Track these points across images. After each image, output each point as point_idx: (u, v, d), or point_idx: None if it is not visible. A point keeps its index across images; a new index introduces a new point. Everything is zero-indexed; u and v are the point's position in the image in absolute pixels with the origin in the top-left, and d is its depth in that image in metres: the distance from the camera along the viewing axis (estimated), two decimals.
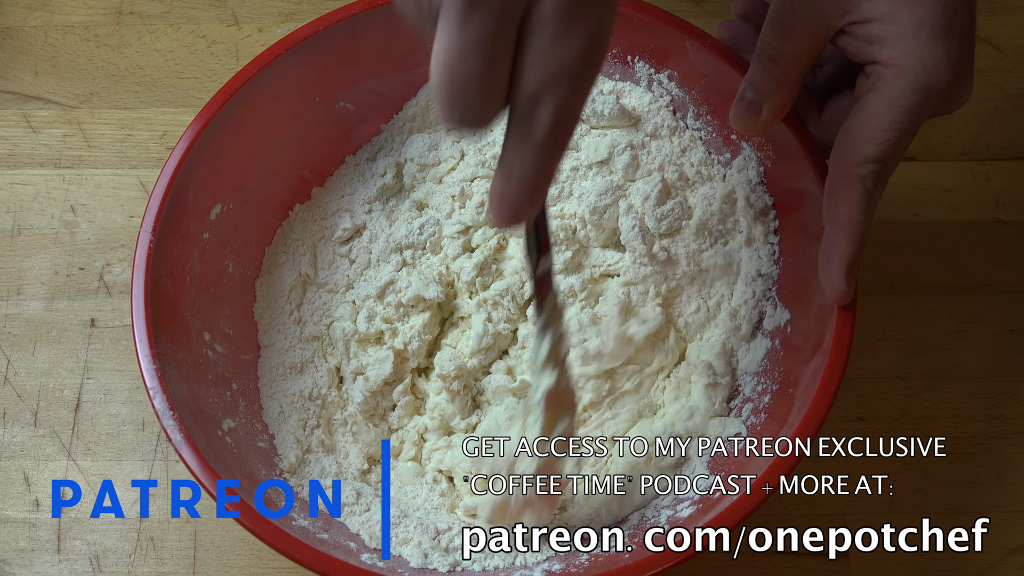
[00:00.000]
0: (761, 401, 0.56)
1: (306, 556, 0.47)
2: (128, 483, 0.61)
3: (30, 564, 0.59)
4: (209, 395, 0.55)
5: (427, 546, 0.54)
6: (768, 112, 0.55)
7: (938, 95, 0.50)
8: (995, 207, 0.70)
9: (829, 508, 0.61)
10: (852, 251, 0.50)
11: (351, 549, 0.52)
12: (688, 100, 0.63)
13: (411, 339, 0.60)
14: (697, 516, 0.51)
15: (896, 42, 0.50)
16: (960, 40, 0.50)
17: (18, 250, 0.68)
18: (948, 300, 0.67)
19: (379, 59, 0.63)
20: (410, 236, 0.62)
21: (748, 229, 0.61)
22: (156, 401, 0.50)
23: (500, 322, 0.60)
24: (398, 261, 0.62)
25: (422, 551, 0.53)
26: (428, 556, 0.53)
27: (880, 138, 0.50)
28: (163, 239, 0.55)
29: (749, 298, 0.60)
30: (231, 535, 0.60)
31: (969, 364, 0.65)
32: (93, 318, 0.66)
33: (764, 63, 0.54)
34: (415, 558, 0.53)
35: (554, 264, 0.47)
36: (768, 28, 0.53)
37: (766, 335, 0.59)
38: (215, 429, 0.53)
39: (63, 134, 0.72)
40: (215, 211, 0.59)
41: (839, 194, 0.51)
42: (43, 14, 0.77)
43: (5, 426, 0.63)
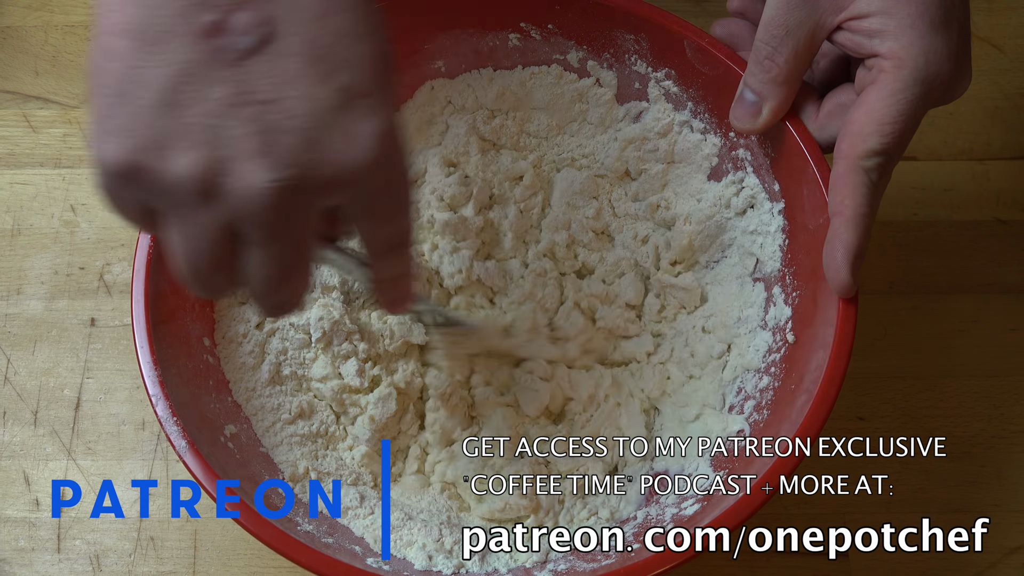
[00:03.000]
0: (764, 398, 0.56)
1: (306, 557, 0.47)
2: (128, 483, 0.61)
3: (30, 564, 0.59)
4: (210, 400, 0.55)
5: (431, 548, 0.54)
6: (768, 112, 0.55)
7: (940, 86, 0.50)
8: (995, 207, 0.70)
9: (829, 508, 0.61)
10: (858, 243, 0.51)
11: (355, 552, 0.52)
12: (686, 98, 0.63)
13: (410, 379, 0.60)
14: (699, 515, 0.51)
15: (896, 35, 0.50)
16: (958, 30, 0.50)
17: (18, 250, 0.68)
18: (948, 300, 0.67)
19: None
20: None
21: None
22: (159, 407, 0.50)
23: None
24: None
25: (426, 553, 0.53)
26: (432, 558, 0.53)
27: (884, 131, 0.50)
28: None
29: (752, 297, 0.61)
30: (231, 535, 0.60)
31: (969, 364, 0.65)
32: (93, 318, 0.66)
33: (761, 63, 0.54)
34: (419, 560, 0.53)
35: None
36: (764, 28, 0.53)
37: (767, 331, 0.59)
38: (217, 434, 0.53)
39: (63, 134, 0.72)
40: None
41: (844, 187, 0.51)
42: (43, 14, 0.77)
43: (5, 426, 0.63)
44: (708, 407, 0.59)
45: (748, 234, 0.61)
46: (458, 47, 0.65)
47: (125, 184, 0.37)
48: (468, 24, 0.63)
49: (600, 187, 0.66)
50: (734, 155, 0.62)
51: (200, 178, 0.36)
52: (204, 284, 0.40)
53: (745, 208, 0.61)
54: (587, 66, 0.65)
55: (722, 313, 0.61)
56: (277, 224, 0.37)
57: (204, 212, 0.37)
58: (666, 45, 0.61)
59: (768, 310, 0.59)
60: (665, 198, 0.65)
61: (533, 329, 0.61)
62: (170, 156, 0.36)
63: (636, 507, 0.57)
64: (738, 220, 0.62)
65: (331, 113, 0.37)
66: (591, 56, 0.64)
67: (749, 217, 0.61)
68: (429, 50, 0.64)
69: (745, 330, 0.60)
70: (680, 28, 0.60)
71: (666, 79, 0.63)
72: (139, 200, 0.38)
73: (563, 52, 0.64)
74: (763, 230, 0.60)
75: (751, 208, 0.61)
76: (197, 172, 0.36)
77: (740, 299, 0.61)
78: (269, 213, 0.37)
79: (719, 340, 0.61)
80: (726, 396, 0.59)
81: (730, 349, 0.61)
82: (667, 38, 0.61)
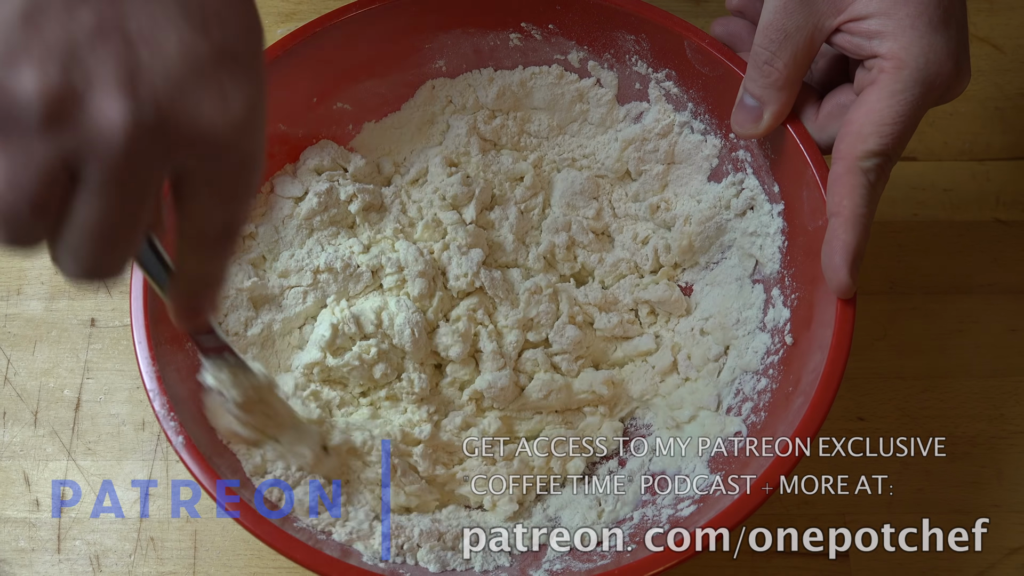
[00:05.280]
0: (761, 400, 0.56)
1: (306, 557, 0.47)
2: (128, 483, 0.61)
3: (30, 564, 0.59)
4: None
5: (435, 547, 0.54)
6: (769, 117, 0.55)
7: (940, 85, 0.50)
8: (995, 207, 0.70)
9: (829, 508, 0.61)
10: (856, 244, 0.50)
11: (351, 551, 0.52)
12: (687, 99, 0.63)
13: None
14: (697, 516, 0.51)
15: (895, 35, 0.50)
16: (957, 29, 0.50)
17: None
18: (948, 300, 0.67)
19: (378, 60, 0.63)
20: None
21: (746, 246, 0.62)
22: (156, 403, 0.50)
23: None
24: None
25: (428, 553, 0.53)
26: (431, 557, 0.53)
27: (883, 131, 0.50)
28: (161, 240, 0.55)
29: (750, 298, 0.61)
30: (231, 535, 0.60)
31: (969, 364, 0.65)
32: (93, 318, 0.66)
33: (761, 68, 0.54)
34: (425, 561, 0.53)
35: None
36: (762, 32, 0.53)
37: (766, 333, 0.59)
38: (216, 433, 0.53)
39: None
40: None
41: (843, 188, 0.51)
42: None
43: (5, 426, 0.63)
44: (704, 409, 0.59)
45: (748, 235, 0.61)
46: (459, 47, 0.65)
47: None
48: (469, 24, 0.63)
49: (600, 188, 0.66)
50: (734, 156, 0.62)
51: (49, 100, 0.32)
52: (15, 228, 0.34)
53: (745, 209, 0.61)
54: (588, 66, 0.65)
55: (721, 315, 0.61)
56: (123, 169, 0.34)
57: (43, 140, 0.33)
58: (667, 46, 0.61)
59: (767, 312, 0.59)
60: (665, 199, 0.65)
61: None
62: (19, 71, 0.32)
63: (633, 507, 0.57)
64: (738, 221, 0.62)
65: (207, 67, 0.35)
66: (592, 56, 0.64)
67: (749, 219, 0.61)
68: (430, 49, 0.64)
69: (744, 332, 0.60)
70: (680, 29, 0.60)
71: (667, 80, 0.63)
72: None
73: (564, 52, 0.64)
74: (763, 232, 0.60)
75: (751, 210, 0.61)
76: (47, 93, 0.32)
77: (739, 301, 0.61)
78: (118, 153, 0.33)
79: (716, 342, 0.61)
80: (724, 398, 0.59)
81: (727, 351, 0.61)
82: (668, 39, 0.61)
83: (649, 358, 0.63)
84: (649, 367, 0.62)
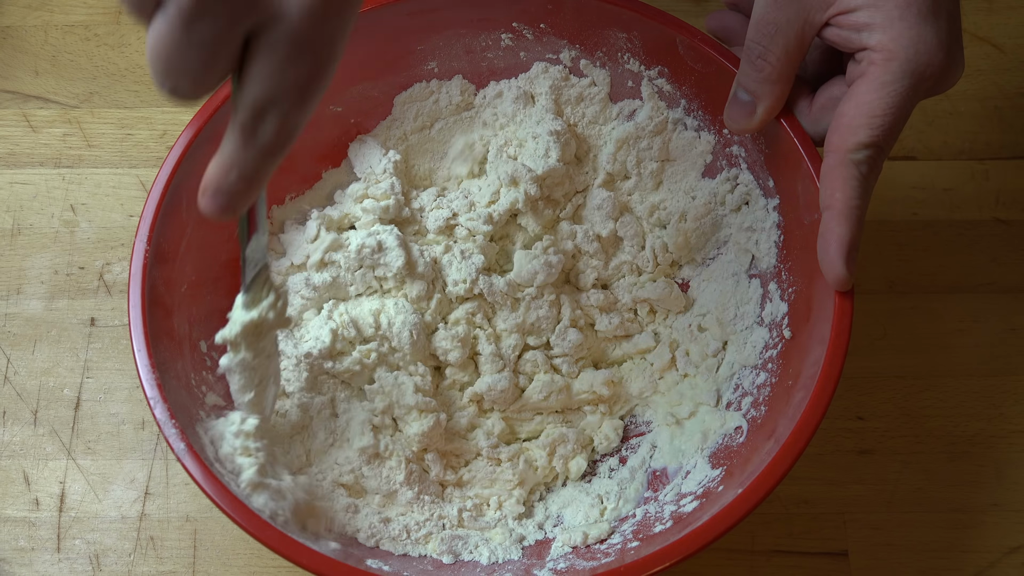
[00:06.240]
0: (761, 394, 0.56)
1: (306, 557, 0.47)
2: (128, 482, 0.61)
3: (30, 563, 0.59)
4: (209, 403, 0.55)
5: (441, 538, 0.54)
6: (763, 111, 0.55)
7: (931, 76, 0.50)
8: (995, 206, 0.70)
9: (829, 507, 0.61)
10: (850, 236, 0.50)
11: (354, 552, 0.52)
12: (679, 96, 0.63)
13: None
14: (700, 512, 0.51)
15: (884, 27, 0.50)
16: (948, 19, 0.50)
17: (18, 249, 0.68)
18: (948, 299, 0.67)
19: (370, 63, 0.63)
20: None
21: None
22: (157, 411, 0.50)
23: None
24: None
25: (432, 549, 0.54)
26: (443, 548, 0.54)
27: (874, 123, 0.50)
28: (160, 246, 0.55)
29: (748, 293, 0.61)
30: (231, 535, 0.60)
31: (969, 363, 0.65)
32: (93, 317, 0.66)
33: (754, 62, 0.54)
34: (438, 553, 0.54)
35: (267, 236, 0.49)
36: (754, 27, 0.53)
37: (764, 327, 0.59)
38: None
39: (63, 133, 0.72)
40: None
41: (835, 180, 0.51)
42: (43, 14, 0.77)
43: (5, 425, 0.63)
44: (703, 404, 0.59)
45: (743, 231, 0.61)
46: (451, 48, 0.65)
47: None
48: (460, 24, 0.63)
49: (625, 207, 0.66)
50: (728, 152, 0.62)
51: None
52: (182, 85, 0.36)
53: (740, 205, 0.61)
54: (580, 65, 0.65)
55: (718, 310, 0.61)
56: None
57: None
58: (658, 43, 0.61)
59: (764, 306, 0.59)
60: (660, 196, 0.65)
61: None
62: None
63: (635, 505, 0.57)
64: (733, 217, 0.62)
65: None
66: (584, 55, 0.64)
67: (744, 214, 0.61)
68: (422, 51, 0.64)
69: (742, 327, 0.60)
70: (672, 26, 0.60)
71: (659, 77, 0.63)
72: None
73: (556, 51, 0.64)
74: (758, 226, 0.60)
75: (746, 205, 0.61)
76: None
77: (736, 296, 0.61)
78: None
79: (714, 338, 0.61)
80: (723, 393, 0.59)
81: (726, 347, 0.61)
82: (659, 36, 0.61)
83: (648, 355, 0.63)
84: (648, 364, 0.62)
